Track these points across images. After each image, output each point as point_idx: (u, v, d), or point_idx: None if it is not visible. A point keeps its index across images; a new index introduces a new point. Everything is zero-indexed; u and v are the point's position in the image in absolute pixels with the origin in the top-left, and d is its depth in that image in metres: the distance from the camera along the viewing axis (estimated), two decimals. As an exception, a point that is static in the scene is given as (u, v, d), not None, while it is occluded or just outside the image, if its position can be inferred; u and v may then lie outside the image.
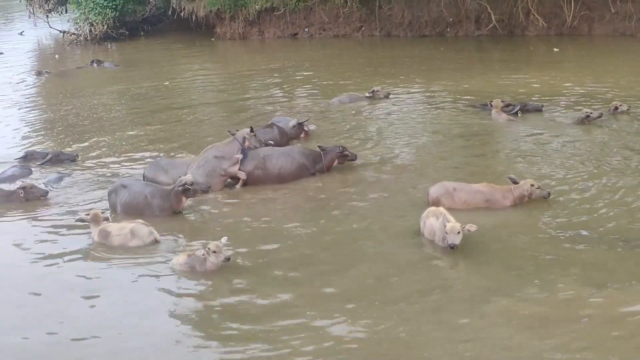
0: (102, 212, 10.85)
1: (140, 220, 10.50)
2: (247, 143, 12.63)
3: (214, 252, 9.02)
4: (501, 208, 10.65)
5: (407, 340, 7.44)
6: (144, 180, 12.63)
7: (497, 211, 10.59)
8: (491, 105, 15.78)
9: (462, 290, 8.41)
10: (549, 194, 10.72)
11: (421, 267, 9.14)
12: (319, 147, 13.12)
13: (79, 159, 14.83)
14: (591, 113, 14.74)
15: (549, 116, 15.74)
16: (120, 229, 10.27)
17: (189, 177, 11.34)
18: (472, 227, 9.21)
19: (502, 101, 15.93)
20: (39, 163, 14.61)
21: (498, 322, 7.61)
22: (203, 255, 9.09)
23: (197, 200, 11.68)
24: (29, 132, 18.20)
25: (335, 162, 12.99)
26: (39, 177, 13.79)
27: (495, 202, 10.69)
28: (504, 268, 8.83)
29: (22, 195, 12.35)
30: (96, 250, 10.25)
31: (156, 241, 10.21)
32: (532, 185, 10.64)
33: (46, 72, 27.67)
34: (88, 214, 10.67)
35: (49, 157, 14.66)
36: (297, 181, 12.66)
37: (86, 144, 16.31)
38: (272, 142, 13.76)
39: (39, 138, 17.43)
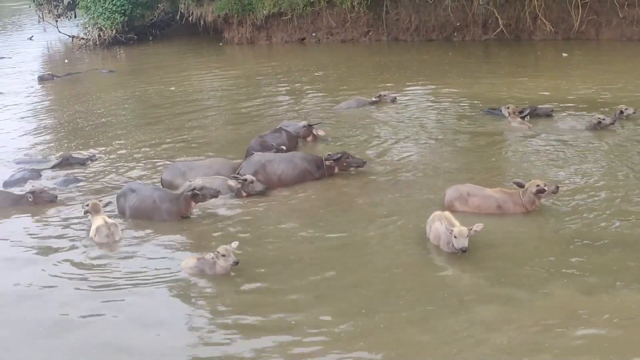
0: (100, 200, 11.33)
1: (112, 221, 10.85)
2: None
3: (223, 255, 9.05)
4: (513, 214, 10.58)
5: (402, 347, 7.46)
6: (161, 183, 12.71)
7: (509, 217, 10.55)
8: (508, 113, 15.67)
9: (463, 296, 8.37)
10: (558, 188, 10.54)
11: (423, 272, 9.14)
12: (328, 155, 13.11)
13: (89, 162, 14.90)
14: (603, 119, 14.63)
15: (560, 121, 15.64)
16: (94, 224, 10.75)
17: (198, 182, 11.38)
18: (479, 227, 9.21)
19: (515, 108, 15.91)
20: (49, 167, 14.68)
21: (498, 329, 7.61)
22: (212, 258, 9.13)
23: (206, 204, 11.71)
24: (36, 136, 18.27)
25: (336, 169, 12.98)
26: (48, 181, 13.86)
27: (508, 208, 10.63)
28: (508, 274, 8.82)
29: (30, 199, 12.40)
30: (102, 254, 10.34)
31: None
32: (537, 186, 10.43)
33: (49, 74, 27.74)
34: (88, 205, 11.15)
35: (59, 160, 14.74)
36: (306, 186, 12.65)
37: (92, 148, 16.36)
38: (284, 147, 13.81)
39: (48, 143, 17.50)
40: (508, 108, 15.69)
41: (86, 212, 11.22)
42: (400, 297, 8.43)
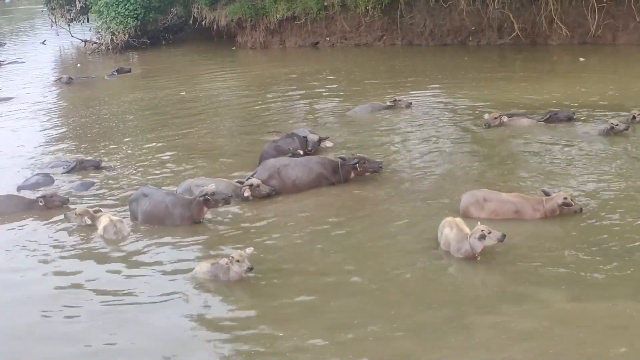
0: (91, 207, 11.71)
1: (118, 218, 11.12)
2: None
3: (238, 261, 8.95)
4: (531, 220, 10.41)
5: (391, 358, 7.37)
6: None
7: (526, 222, 10.36)
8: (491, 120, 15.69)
9: (461, 305, 8.20)
10: (581, 209, 10.44)
11: (426, 281, 8.95)
12: (340, 158, 12.97)
13: (103, 165, 14.82)
14: (617, 125, 14.46)
15: (574, 126, 15.43)
16: (101, 224, 11.07)
17: (210, 188, 11.26)
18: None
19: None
20: (62, 171, 14.61)
21: (490, 340, 7.45)
22: (226, 264, 9.02)
23: (219, 209, 11.56)
24: (48, 140, 18.28)
25: (352, 174, 12.80)
26: (63, 185, 13.85)
27: (525, 213, 10.46)
28: (514, 282, 8.67)
29: (42, 204, 12.36)
30: (113, 259, 10.28)
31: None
32: (565, 198, 10.36)
33: (69, 77, 27.79)
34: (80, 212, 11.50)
35: (73, 165, 14.67)
36: (319, 191, 12.52)
37: (103, 151, 16.37)
38: (300, 152, 13.66)
39: (60, 146, 17.48)
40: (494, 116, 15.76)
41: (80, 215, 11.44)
42: (396, 306, 8.29)
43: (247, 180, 12.33)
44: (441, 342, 7.48)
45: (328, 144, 15.06)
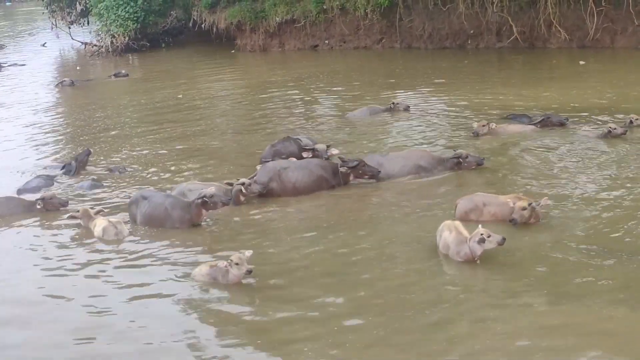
0: (92, 208, 11.71)
1: (117, 219, 11.18)
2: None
3: (237, 264, 8.94)
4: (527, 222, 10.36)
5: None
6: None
7: (525, 226, 10.31)
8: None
9: (450, 312, 8.18)
10: (539, 203, 10.21)
11: (418, 286, 8.92)
12: (339, 158, 13.00)
13: (112, 167, 14.88)
14: (614, 128, 14.48)
15: (572, 130, 15.43)
16: (99, 226, 11.06)
17: (209, 190, 11.30)
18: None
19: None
20: (69, 174, 14.63)
21: (477, 351, 7.43)
22: (225, 267, 9.03)
23: (219, 212, 11.57)
24: (50, 142, 18.32)
25: (352, 177, 12.83)
26: (69, 186, 13.94)
27: (523, 214, 10.43)
28: (509, 286, 8.67)
29: (40, 206, 12.36)
30: (111, 261, 10.28)
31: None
32: (523, 208, 10.16)
33: (70, 80, 27.80)
34: (78, 211, 11.51)
35: (74, 165, 14.70)
36: (319, 194, 12.51)
37: (102, 154, 16.38)
38: (307, 155, 13.63)
39: (61, 148, 17.56)
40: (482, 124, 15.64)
41: (72, 216, 11.52)
42: (386, 310, 8.29)
43: (237, 181, 12.31)
44: (424, 347, 7.49)
45: (334, 151, 14.84)
